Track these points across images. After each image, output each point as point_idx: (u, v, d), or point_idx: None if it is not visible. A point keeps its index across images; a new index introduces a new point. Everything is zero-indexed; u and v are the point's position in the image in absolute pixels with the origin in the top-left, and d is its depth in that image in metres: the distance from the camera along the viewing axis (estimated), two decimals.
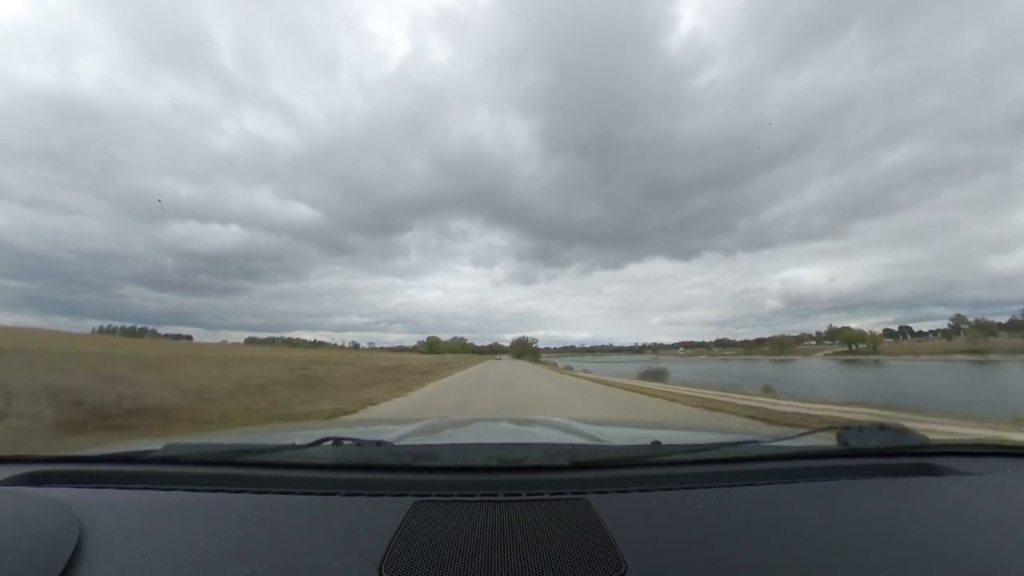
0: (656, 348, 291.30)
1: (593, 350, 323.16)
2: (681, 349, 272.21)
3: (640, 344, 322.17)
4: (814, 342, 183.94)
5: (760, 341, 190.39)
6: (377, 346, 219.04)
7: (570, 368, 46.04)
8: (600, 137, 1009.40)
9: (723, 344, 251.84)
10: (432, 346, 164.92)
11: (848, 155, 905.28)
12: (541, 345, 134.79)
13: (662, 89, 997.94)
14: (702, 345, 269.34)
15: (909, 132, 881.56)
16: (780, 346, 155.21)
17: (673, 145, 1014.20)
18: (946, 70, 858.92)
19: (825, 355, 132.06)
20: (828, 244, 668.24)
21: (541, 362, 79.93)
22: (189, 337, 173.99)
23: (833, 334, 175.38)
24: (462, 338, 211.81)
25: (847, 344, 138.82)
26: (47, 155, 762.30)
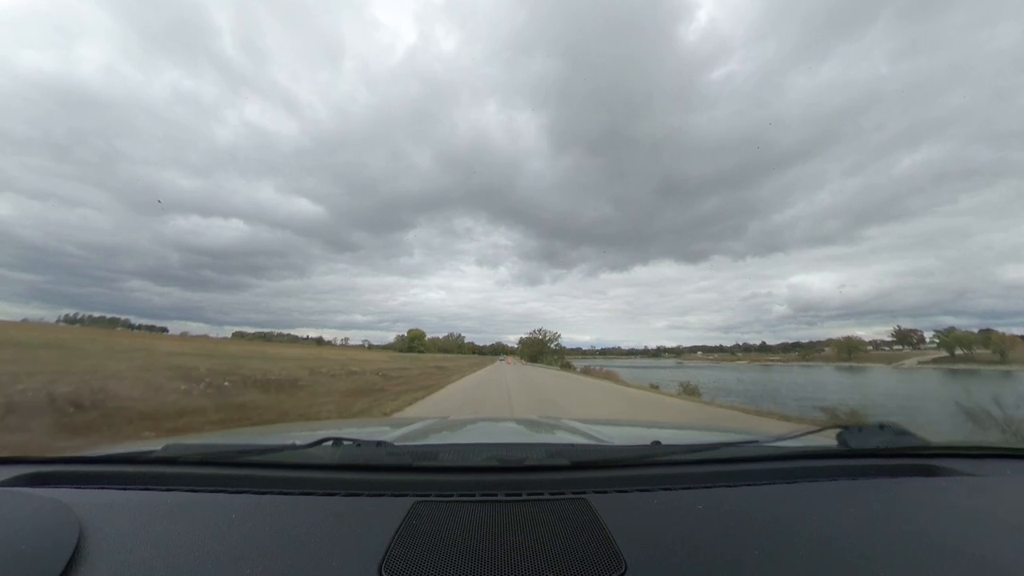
0: (680, 352, 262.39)
1: (604, 353, 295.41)
2: (700, 353, 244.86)
3: (654, 348, 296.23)
4: (871, 348, 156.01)
5: (819, 344, 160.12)
6: (371, 344, 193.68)
7: (694, 389, 15.98)
8: (610, 133, 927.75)
9: (761, 349, 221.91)
10: (413, 343, 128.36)
11: (864, 157, 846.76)
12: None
13: (677, 83, 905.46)
14: (721, 349, 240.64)
15: (928, 134, 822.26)
16: (848, 350, 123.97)
17: (685, 143, 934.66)
18: (971, 67, 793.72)
19: (920, 362, 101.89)
20: (839, 250, 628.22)
21: (575, 369, 42.11)
22: (164, 330, 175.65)
23: (903, 336, 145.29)
24: (459, 335, 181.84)
25: (947, 349, 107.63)
26: (49, 145, 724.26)
